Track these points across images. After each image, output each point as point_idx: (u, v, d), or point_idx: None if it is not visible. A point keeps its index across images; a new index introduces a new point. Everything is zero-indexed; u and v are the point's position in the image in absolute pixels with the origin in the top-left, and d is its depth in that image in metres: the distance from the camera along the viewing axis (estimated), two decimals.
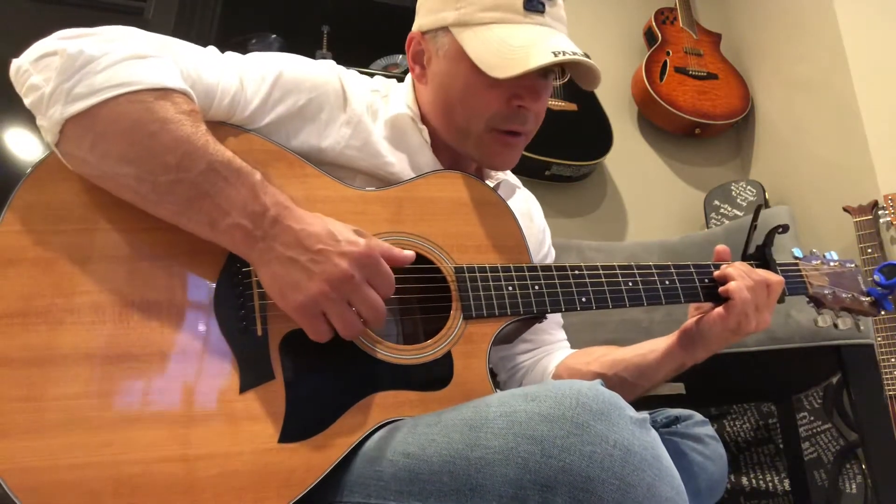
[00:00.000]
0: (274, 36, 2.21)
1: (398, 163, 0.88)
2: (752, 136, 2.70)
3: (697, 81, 2.57)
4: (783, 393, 2.04)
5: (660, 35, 2.64)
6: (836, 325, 0.96)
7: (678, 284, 0.87)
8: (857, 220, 2.03)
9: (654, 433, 0.56)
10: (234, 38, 2.14)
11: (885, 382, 1.81)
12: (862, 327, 0.99)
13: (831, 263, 1.01)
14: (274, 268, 0.67)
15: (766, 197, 2.43)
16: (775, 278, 0.88)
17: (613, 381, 0.94)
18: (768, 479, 2.11)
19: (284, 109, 0.81)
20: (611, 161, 2.50)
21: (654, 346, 0.93)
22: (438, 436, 0.60)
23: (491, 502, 0.54)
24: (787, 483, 2.07)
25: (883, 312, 1.00)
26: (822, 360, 1.54)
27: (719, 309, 0.85)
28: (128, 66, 0.67)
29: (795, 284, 0.95)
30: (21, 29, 1.74)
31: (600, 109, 2.44)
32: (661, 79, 2.54)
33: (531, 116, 0.88)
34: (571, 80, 0.94)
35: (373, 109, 0.90)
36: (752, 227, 0.96)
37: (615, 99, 2.65)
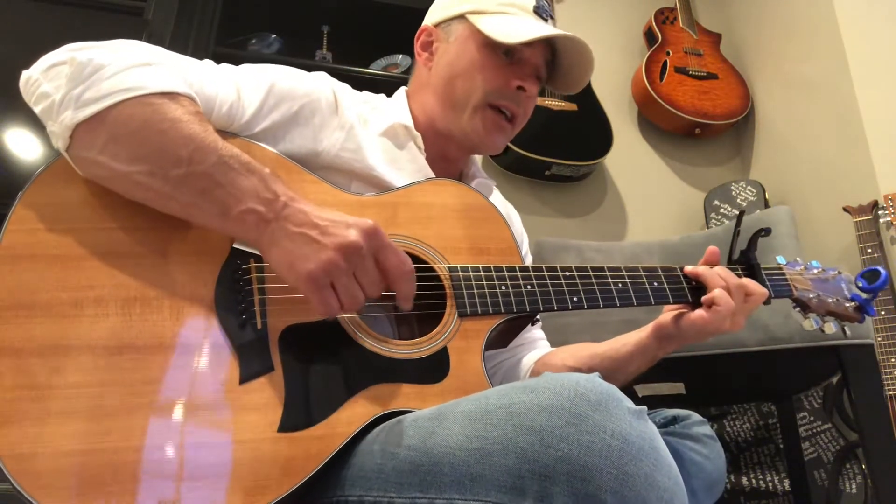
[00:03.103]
0: (274, 36, 2.21)
1: (391, 167, 0.91)
2: (752, 136, 2.70)
3: (697, 81, 2.57)
4: (783, 393, 2.04)
5: (660, 35, 2.64)
6: (822, 330, 0.97)
7: (666, 286, 0.90)
8: (857, 220, 2.03)
9: (651, 424, 0.56)
10: (234, 38, 2.14)
11: (885, 382, 1.81)
12: (849, 332, 0.99)
13: (814, 270, 1.02)
14: (284, 244, 0.68)
15: (766, 197, 2.43)
16: (758, 289, 0.90)
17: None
18: (768, 479, 2.11)
19: (279, 116, 0.84)
20: (611, 161, 2.50)
21: (628, 340, 0.95)
22: (439, 428, 0.61)
23: (490, 492, 0.54)
24: (787, 483, 2.07)
25: (867, 318, 1.01)
26: (822, 360, 1.54)
27: (701, 312, 0.87)
28: (135, 72, 0.70)
29: (780, 287, 0.96)
30: (21, 29, 1.75)
31: (600, 109, 2.44)
32: (661, 79, 2.54)
33: (523, 100, 0.96)
34: None
35: (364, 118, 0.94)
36: (736, 232, 0.98)
37: (615, 99, 2.65)
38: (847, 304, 1.00)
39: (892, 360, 1.84)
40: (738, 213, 0.98)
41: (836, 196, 2.19)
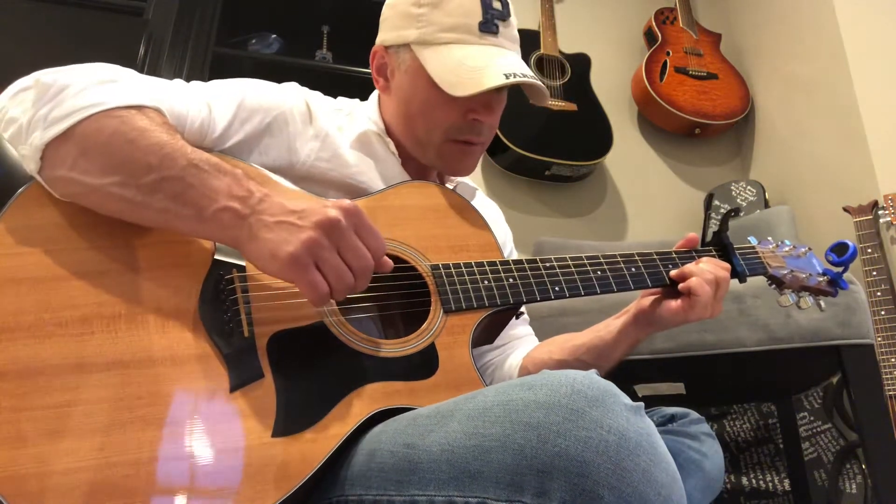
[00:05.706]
0: (274, 36, 2.21)
1: (368, 174, 0.92)
2: (752, 136, 2.70)
3: (697, 81, 2.57)
4: (783, 393, 2.04)
5: (660, 35, 2.64)
6: (798, 306, 0.98)
7: (644, 271, 0.91)
8: (857, 220, 2.03)
9: (648, 420, 0.56)
10: (234, 38, 2.14)
11: (885, 382, 1.81)
12: (823, 306, 1.01)
13: (786, 248, 1.04)
14: (263, 235, 0.67)
15: (766, 197, 2.43)
16: (724, 274, 0.90)
17: (575, 365, 0.97)
18: (768, 479, 2.11)
19: (252, 128, 0.85)
20: (611, 161, 2.50)
21: (610, 328, 0.96)
22: (437, 426, 0.61)
23: (489, 489, 0.54)
24: (787, 483, 2.07)
25: (840, 291, 1.03)
26: (822, 360, 1.54)
27: (680, 302, 0.88)
28: (100, 88, 0.71)
29: (754, 265, 0.98)
30: (21, 29, 1.75)
31: (600, 109, 2.44)
32: (661, 79, 2.54)
33: (485, 128, 0.94)
34: (571, 79, 0.99)
35: (338, 126, 0.94)
36: (706, 216, 0.99)
37: (615, 99, 2.65)
38: (820, 279, 1.01)
39: (892, 360, 1.84)
40: (716, 202, 0.99)
41: (836, 196, 2.19)
